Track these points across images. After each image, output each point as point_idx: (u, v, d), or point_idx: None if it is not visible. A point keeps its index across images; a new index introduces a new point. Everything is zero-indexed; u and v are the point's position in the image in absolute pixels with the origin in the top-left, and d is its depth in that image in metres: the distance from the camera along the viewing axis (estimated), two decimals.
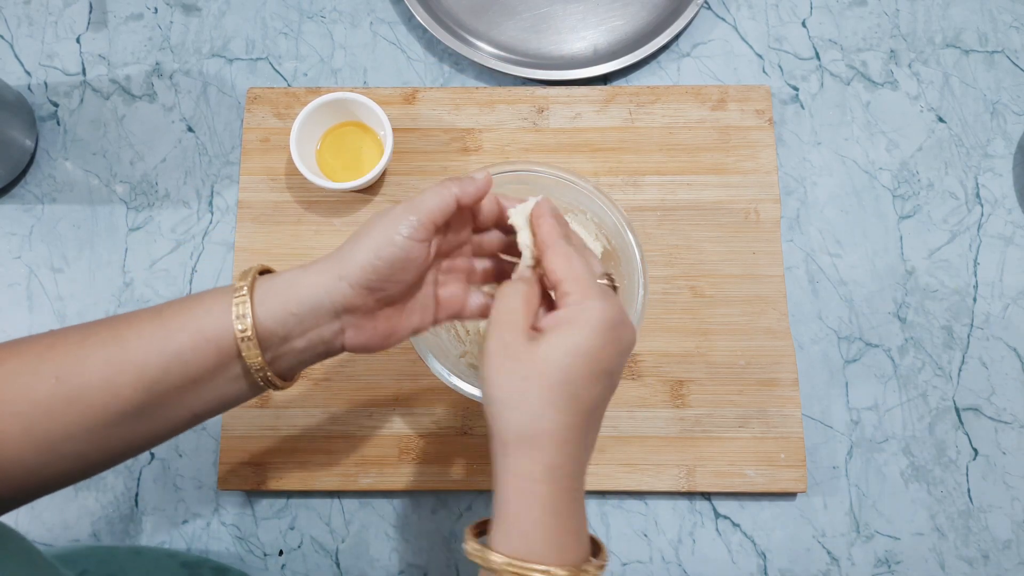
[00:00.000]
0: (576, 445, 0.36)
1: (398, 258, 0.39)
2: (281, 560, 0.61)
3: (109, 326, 0.38)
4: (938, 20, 0.72)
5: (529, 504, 0.35)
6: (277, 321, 0.38)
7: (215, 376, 0.39)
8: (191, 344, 0.37)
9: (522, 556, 0.35)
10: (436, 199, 0.39)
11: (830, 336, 0.65)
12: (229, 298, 0.38)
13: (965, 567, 0.60)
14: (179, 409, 0.39)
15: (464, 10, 0.74)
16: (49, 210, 0.69)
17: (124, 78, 0.72)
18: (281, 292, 0.39)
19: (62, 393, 0.36)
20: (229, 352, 0.38)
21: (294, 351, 0.40)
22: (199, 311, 0.38)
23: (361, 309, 0.40)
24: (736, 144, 0.67)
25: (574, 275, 0.37)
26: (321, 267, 0.39)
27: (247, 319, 0.38)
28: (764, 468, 0.61)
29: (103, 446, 0.38)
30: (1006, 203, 0.67)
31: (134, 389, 0.37)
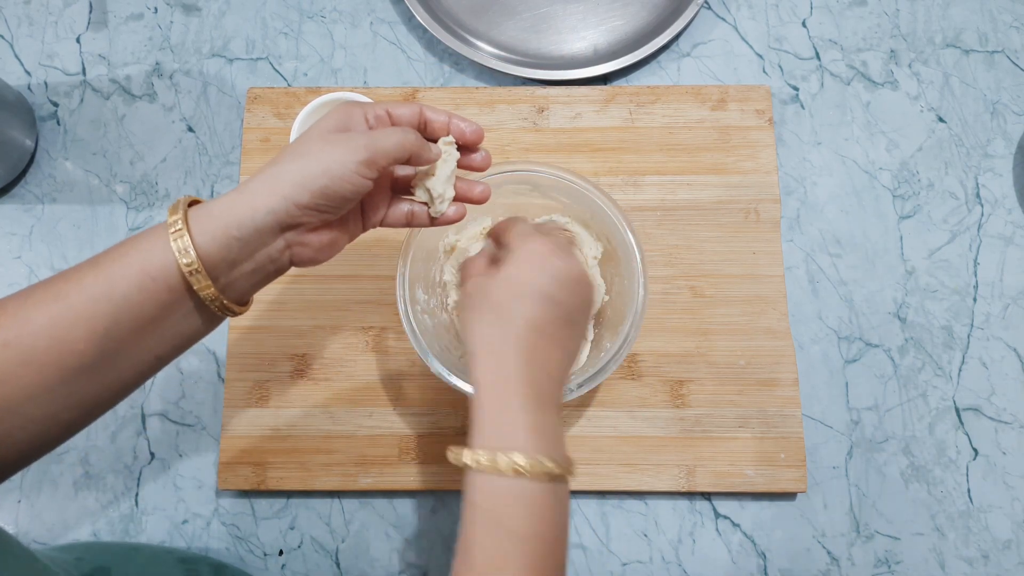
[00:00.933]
0: (518, 358, 0.40)
1: (348, 190, 0.40)
2: (281, 560, 0.61)
3: (47, 286, 0.38)
4: (938, 20, 0.72)
5: (484, 404, 0.40)
6: (220, 247, 0.38)
7: (169, 314, 0.38)
8: (137, 286, 0.37)
9: (481, 446, 0.39)
10: (395, 147, 0.41)
11: (830, 336, 0.65)
12: (165, 233, 0.38)
13: (965, 567, 0.60)
14: (139, 354, 0.39)
15: (464, 10, 0.74)
16: (49, 210, 0.69)
17: (124, 78, 0.72)
18: (220, 218, 0.38)
19: (12, 357, 0.35)
20: (179, 288, 0.38)
21: (243, 274, 0.40)
22: (138, 253, 0.38)
23: (305, 227, 0.40)
24: (736, 144, 0.67)
25: (510, 221, 0.46)
26: (261, 187, 0.39)
27: (191, 252, 0.37)
28: (764, 468, 0.61)
29: (70, 403, 0.38)
30: (1006, 203, 0.67)
31: (87, 342, 0.36)
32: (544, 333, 0.41)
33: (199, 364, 0.65)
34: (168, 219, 0.38)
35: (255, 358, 0.63)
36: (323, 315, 0.64)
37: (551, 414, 0.41)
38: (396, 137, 0.41)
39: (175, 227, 0.37)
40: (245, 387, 0.63)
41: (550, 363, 0.41)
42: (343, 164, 0.39)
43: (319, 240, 0.42)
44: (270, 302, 0.65)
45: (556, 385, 0.42)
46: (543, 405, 0.40)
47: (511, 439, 0.38)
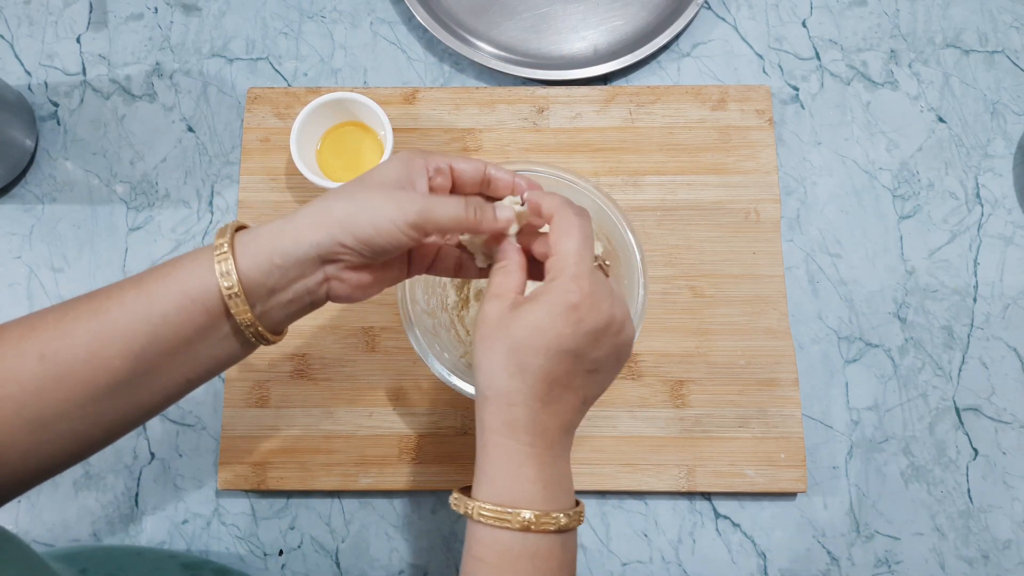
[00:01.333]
0: (529, 409, 0.38)
1: (392, 246, 0.39)
2: (281, 560, 0.61)
3: (89, 300, 0.38)
4: (938, 20, 0.72)
5: (491, 453, 0.38)
6: (262, 273, 0.38)
7: (205, 337, 0.38)
8: (176, 307, 0.37)
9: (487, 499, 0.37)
10: (451, 221, 0.39)
11: (830, 336, 0.65)
12: (211, 256, 0.38)
13: (965, 567, 0.60)
14: (171, 375, 0.39)
15: (464, 10, 0.74)
16: (49, 210, 0.69)
17: (124, 78, 0.72)
18: (264, 244, 0.38)
19: (48, 371, 0.36)
20: (216, 311, 0.38)
21: (280, 304, 0.40)
22: (181, 273, 0.38)
23: (346, 264, 0.40)
24: (736, 144, 0.67)
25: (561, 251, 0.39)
26: (308, 219, 0.39)
27: (232, 275, 0.37)
28: (764, 468, 0.61)
29: (98, 421, 0.38)
30: (1006, 203, 0.67)
31: (123, 359, 0.36)
32: (563, 385, 0.39)
33: None
34: (215, 241, 0.38)
35: (255, 358, 0.63)
36: (323, 315, 0.64)
37: (560, 461, 0.39)
38: (453, 211, 0.39)
39: (220, 250, 0.37)
40: (245, 387, 0.63)
41: (566, 413, 0.39)
42: (392, 222, 0.38)
43: (358, 279, 0.41)
44: None
45: (570, 432, 0.40)
46: (554, 454, 0.39)
47: (519, 492, 0.37)
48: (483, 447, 0.39)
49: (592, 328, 0.38)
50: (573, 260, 0.38)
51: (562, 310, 0.37)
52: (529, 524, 0.36)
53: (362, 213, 0.38)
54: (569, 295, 0.37)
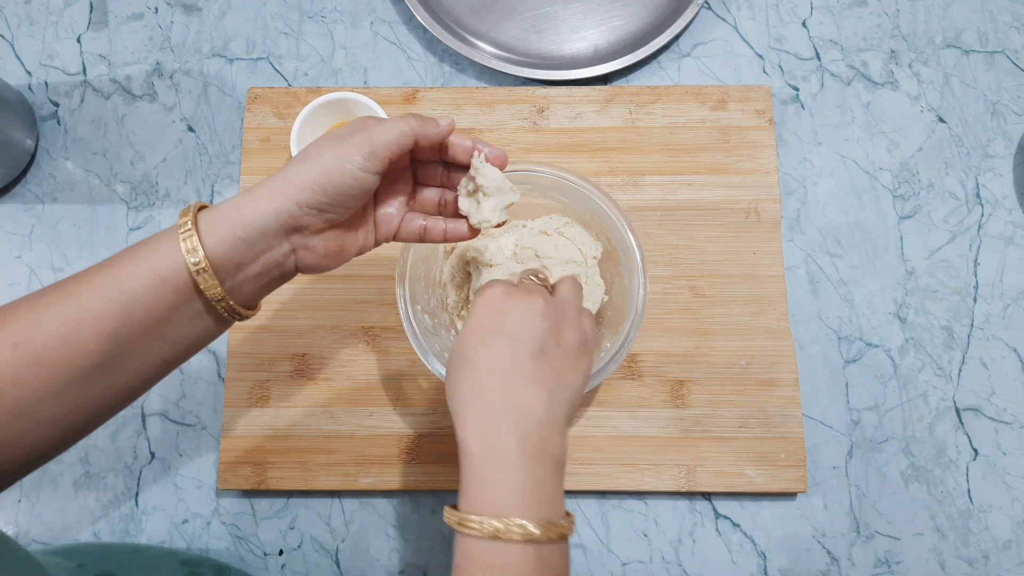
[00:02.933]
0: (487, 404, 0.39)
1: (349, 185, 0.40)
2: (281, 560, 0.61)
3: (59, 287, 0.38)
4: (938, 20, 0.72)
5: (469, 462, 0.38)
6: (227, 248, 0.38)
7: (177, 315, 0.39)
8: (146, 287, 0.37)
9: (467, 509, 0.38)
10: (394, 134, 0.40)
11: (830, 336, 0.65)
12: (175, 234, 0.38)
13: (965, 567, 0.60)
14: (146, 355, 0.39)
15: (464, 10, 0.74)
16: (50, 210, 0.69)
17: (125, 78, 0.72)
18: (227, 219, 0.39)
19: (23, 358, 0.36)
20: (187, 288, 0.38)
21: (249, 277, 0.40)
22: (149, 253, 0.38)
23: (310, 228, 0.40)
24: (736, 144, 0.67)
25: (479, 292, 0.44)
26: (266, 190, 0.39)
27: (199, 251, 0.37)
28: (764, 468, 0.61)
29: (78, 406, 0.38)
30: (1006, 203, 0.67)
31: (96, 341, 0.37)
32: (513, 373, 0.39)
33: (199, 364, 0.65)
34: (179, 220, 0.39)
35: (255, 358, 0.64)
36: (323, 315, 0.64)
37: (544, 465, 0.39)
38: (395, 125, 0.41)
39: (184, 228, 0.38)
40: (245, 387, 0.63)
41: (532, 404, 0.39)
42: (345, 158, 0.39)
43: (324, 245, 0.42)
44: (270, 302, 0.65)
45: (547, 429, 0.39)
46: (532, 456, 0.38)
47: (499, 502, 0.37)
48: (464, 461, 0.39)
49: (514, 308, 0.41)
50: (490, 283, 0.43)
51: (482, 305, 0.42)
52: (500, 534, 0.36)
53: (315, 165, 0.39)
54: (485, 293, 0.42)
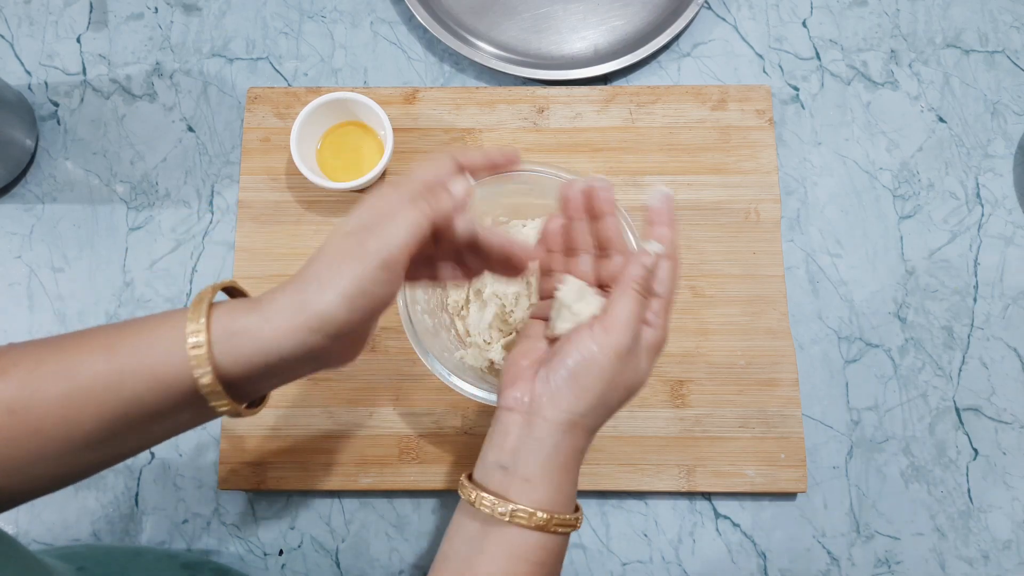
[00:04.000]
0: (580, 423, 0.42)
1: (374, 307, 0.36)
2: (281, 560, 0.61)
3: (59, 358, 0.36)
4: (938, 20, 0.72)
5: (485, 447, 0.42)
6: (243, 370, 0.36)
7: (180, 412, 0.37)
8: (147, 388, 0.35)
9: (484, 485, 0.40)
10: (408, 232, 0.36)
11: (830, 336, 0.65)
12: (183, 342, 0.35)
13: (965, 567, 0.60)
14: (144, 437, 0.38)
15: (465, 10, 0.74)
16: (49, 210, 0.69)
17: (124, 78, 0.72)
18: (244, 344, 0.35)
19: (19, 425, 0.35)
20: (192, 395, 0.36)
21: (263, 388, 0.39)
22: (153, 355, 0.35)
23: (335, 347, 0.37)
24: (736, 144, 0.67)
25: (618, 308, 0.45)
26: (285, 313, 0.35)
27: (209, 375, 0.35)
28: (764, 468, 0.61)
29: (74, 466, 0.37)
30: (1006, 203, 0.67)
31: (95, 423, 0.35)
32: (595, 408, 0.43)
33: None
34: (188, 328, 0.35)
35: None
36: None
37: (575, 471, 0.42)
38: (406, 219, 0.36)
39: (196, 345, 0.35)
40: None
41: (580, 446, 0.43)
42: (359, 277, 0.35)
43: (340, 353, 0.39)
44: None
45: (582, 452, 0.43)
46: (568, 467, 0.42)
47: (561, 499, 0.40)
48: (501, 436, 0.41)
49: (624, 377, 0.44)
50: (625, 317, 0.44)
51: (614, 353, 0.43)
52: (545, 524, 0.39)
53: (331, 292, 0.35)
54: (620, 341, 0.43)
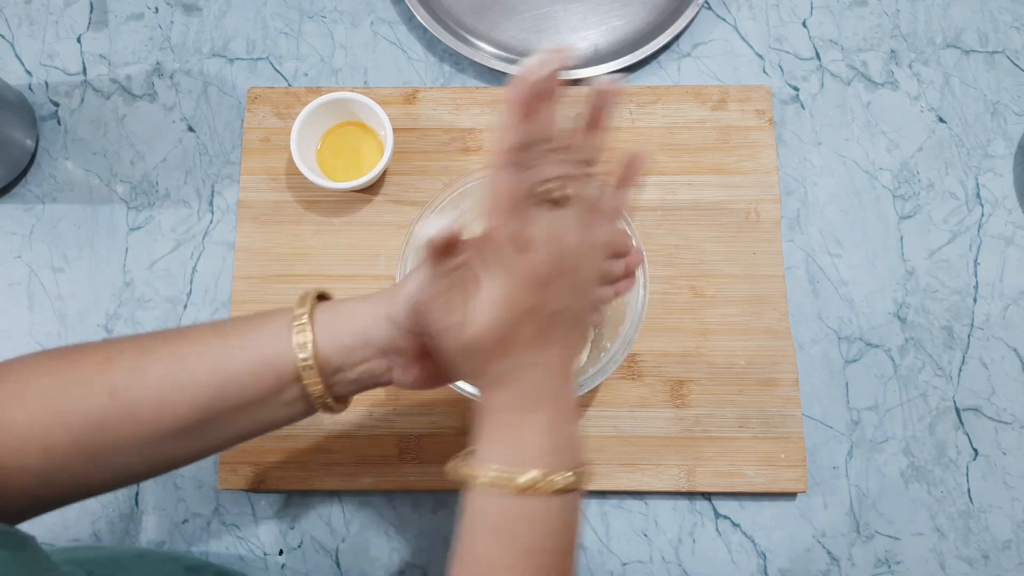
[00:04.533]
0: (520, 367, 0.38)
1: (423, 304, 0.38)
2: (281, 560, 0.61)
3: (168, 342, 0.38)
4: (939, 20, 0.72)
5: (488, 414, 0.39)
6: (333, 351, 0.39)
7: (269, 400, 0.39)
8: (249, 367, 0.38)
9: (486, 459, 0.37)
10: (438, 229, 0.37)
11: (830, 336, 0.65)
12: (289, 323, 0.38)
13: (965, 567, 0.60)
14: (229, 429, 0.39)
15: (465, 10, 0.74)
16: (50, 210, 0.69)
17: (125, 78, 0.72)
18: (339, 323, 0.39)
19: (116, 408, 0.36)
20: (287, 377, 0.38)
21: (345, 381, 0.40)
22: (260, 335, 0.39)
23: (406, 352, 0.40)
24: (736, 144, 0.67)
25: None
26: (377, 301, 0.40)
27: (308, 347, 0.38)
28: (764, 468, 0.61)
29: (148, 460, 0.38)
30: (1006, 203, 0.67)
31: (189, 407, 0.37)
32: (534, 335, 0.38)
33: None
34: (295, 310, 0.39)
35: None
36: None
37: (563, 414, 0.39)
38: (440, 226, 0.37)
39: (299, 320, 0.38)
40: None
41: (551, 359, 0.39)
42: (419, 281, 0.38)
43: (421, 369, 0.41)
44: (271, 302, 0.65)
45: (562, 381, 0.39)
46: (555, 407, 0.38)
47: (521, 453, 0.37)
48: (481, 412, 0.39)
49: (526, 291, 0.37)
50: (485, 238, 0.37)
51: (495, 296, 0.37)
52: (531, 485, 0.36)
53: (408, 281, 0.39)
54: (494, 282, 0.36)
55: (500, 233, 0.36)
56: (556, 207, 0.37)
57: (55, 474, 0.36)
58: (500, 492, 0.36)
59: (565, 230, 0.37)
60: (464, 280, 0.37)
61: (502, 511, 0.37)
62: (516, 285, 0.36)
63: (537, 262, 0.36)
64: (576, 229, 0.38)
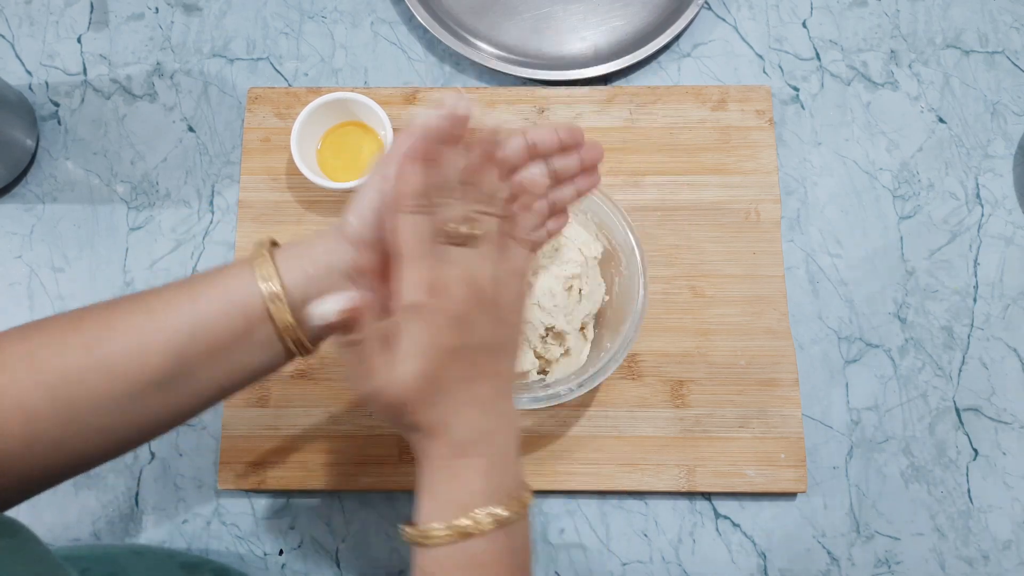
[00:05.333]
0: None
1: (381, 202, 0.38)
2: (281, 560, 0.61)
3: (137, 298, 0.39)
4: (938, 21, 0.72)
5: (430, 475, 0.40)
6: (296, 283, 0.39)
7: (242, 341, 0.39)
8: (218, 309, 0.38)
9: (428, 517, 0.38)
10: (407, 136, 0.38)
11: (830, 336, 0.65)
12: (250, 264, 0.39)
13: (965, 567, 0.60)
14: (205, 379, 0.39)
15: (465, 10, 0.74)
16: (50, 209, 0.69)
17: (125, 78, 0.72)
18: (300, 256, 0.40)
19: (90, 362, 0.36)
20: (255, 316, 0.39)
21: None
22: (226, 279, 0.39)
23: (368, 269, 0.39)
24: (736, 144, 0.67)
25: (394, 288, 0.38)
26: (328, 230, 0.41)
27: (274, 279, 0.38)
28: (764, 468, 0.61)
29: (129, 419, 0.38)
30: (1006, 203, 0.67)
31: (162, 356, 0.37)
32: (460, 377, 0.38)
33: None
34: (254, 251, 0.40)
35: None
36: None
37: (501, 449, 0.38)
38: (402, 132, 0.40)
39: (260, 256, 0.39)
40: None
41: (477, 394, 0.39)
42: (377, 179, 0.39)
43: (386, 288, 0.39)
44: None
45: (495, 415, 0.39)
46: (490, 446, 0.38)
47: (458, 503, 0.37)
48: (424, 474, 0.39)
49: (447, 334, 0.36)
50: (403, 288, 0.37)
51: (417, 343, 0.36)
52: (460, 530, 0.36)
53: (360, 195, 0.39)
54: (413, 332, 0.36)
55: (410, 278, 0.36)
56: (465, 244, 0.37)
57: (36, 440, 0.36)
58: (445, 544, 0.37)
59: (477, 265, 0.37)
60: (378, 340, 0.36)
61: (446, 564, 0.37)
62: (435, 328, 0.36)
63: (453, 301, 0.36)
64: (489, 261, 0.38)
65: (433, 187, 0.37)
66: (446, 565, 0.37)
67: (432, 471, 0.39)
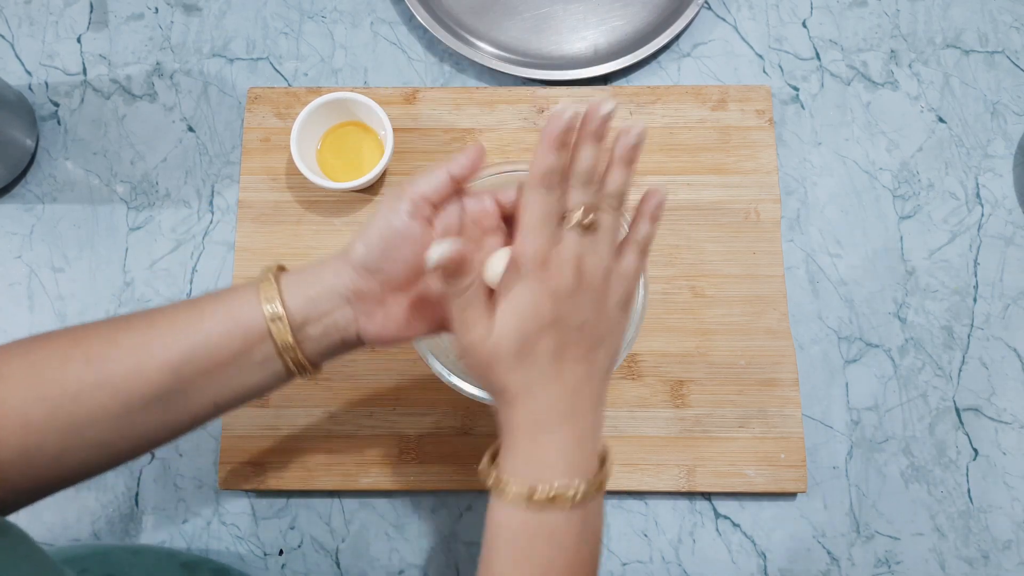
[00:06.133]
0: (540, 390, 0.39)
1: (389, 233, 0.40)
2: (281, 560, 0.61)
3: (140, 315, 0.40)
4: (938, 20, 0.72)
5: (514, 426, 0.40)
6: (298, 304, 0.40)
7: (242, 359, 0.40)
8: (219, 327, 0.39)
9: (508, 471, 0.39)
10: (426, 176, 0.41)
11: (830, 336, 0.65)
12: (255, 286, 0.40)
13: (965, 567, 0.60)
14: (202, 396, 0.40)
15: (465, 10, 0.74)
16: (50, 210, 0.69)
17: (125, 78, 0.72)
18: (303, 279, 0.41)
19: (91, 377, 0.37)
20: (256, 335, 0.39)
21: (314, 335, 0.41)
22: (230, 298, 0.40)
23: (368, 295, 0.41)
24: (736, 144, 0.67)
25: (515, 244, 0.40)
26: (334, 256, 0.42)
27: (275, 300, 0.40)
28: (764, 468, 0.61)
29: (127, 433, 0.39)
30: (1006, 203, 0.67)
31: (160, 372, 0.38)
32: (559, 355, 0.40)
33: None
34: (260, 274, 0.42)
35: None
36: None
37: (579, 432, 0.40)
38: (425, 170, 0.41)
39: (265, 279, 0.41)
40: None
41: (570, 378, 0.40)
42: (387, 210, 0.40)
43: (385, 314, 0.42)
44: None
45: (578, 399, 0.40)
46: (570, 426, 0.39)
47: (537, 469, 0.38)
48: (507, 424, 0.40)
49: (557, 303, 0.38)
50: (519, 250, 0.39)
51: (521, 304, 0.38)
52: (548, 499, 0.37)
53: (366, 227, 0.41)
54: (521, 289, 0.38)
55: (526, 247, 0.38)
56: (585, 233, 0.39)
57: (33, 452, 0.37)
58: (515, 505, 0.38)
59: (590, 253, 0.39)
60: (478, 297, 0.38)
61: (517, 525, 0.38)
62: (536, 296, 0.38)
63: (559, 278, 0.38)
64: (601, 255, 0.40)
65: (565, 172, 0.39)
66: (519, 530, 0.38)
67: (514, 439, 0.40)
